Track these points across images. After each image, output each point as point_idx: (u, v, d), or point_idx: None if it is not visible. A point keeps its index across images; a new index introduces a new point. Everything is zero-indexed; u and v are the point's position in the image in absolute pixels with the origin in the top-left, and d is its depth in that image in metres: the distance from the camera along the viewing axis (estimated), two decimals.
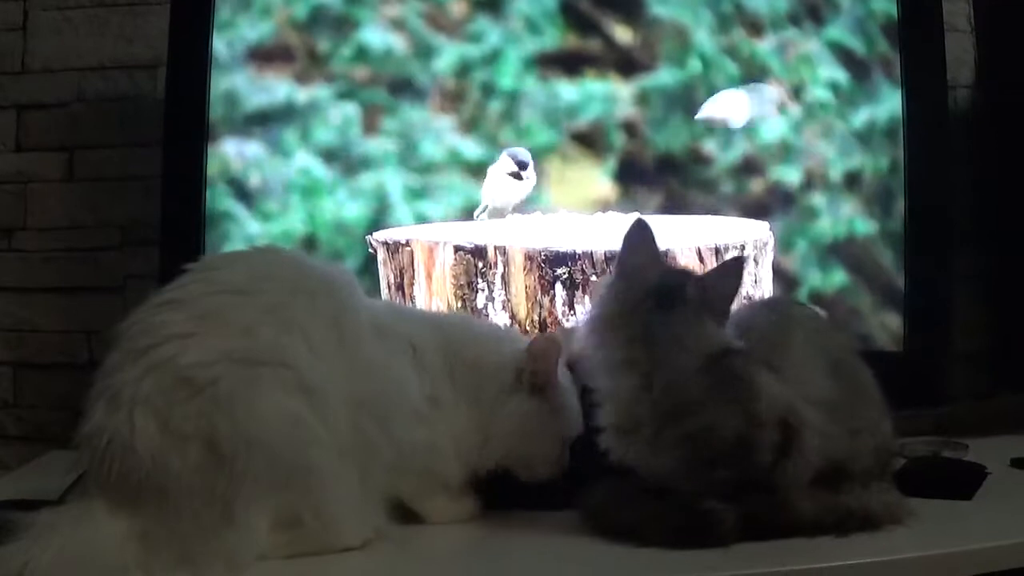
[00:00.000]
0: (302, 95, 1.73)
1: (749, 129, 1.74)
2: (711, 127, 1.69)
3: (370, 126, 1.73)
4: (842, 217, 1.74)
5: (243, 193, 1.73)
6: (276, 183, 1.73)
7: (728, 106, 1.70)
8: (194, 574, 1.20)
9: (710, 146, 1.74)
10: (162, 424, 1.20)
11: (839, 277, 1.74)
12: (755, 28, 1.75)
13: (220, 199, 1.73)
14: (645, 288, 1.35)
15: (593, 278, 1.64)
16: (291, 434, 1.24)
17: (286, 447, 1.23)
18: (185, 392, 1.21)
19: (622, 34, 1.74)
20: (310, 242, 1.72)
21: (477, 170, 1.73)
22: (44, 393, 2.04)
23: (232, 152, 1.74)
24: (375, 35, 1.74)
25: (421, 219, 1.73)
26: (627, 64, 1.74)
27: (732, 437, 1.30)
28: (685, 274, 1.41)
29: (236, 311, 1.27)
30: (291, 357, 1.26)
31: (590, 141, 1.73)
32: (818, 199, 1.74)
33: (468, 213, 1.73)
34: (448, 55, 1.73)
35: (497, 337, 1.50)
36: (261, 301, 1.28)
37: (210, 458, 1.20)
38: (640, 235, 1.38)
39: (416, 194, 1.73)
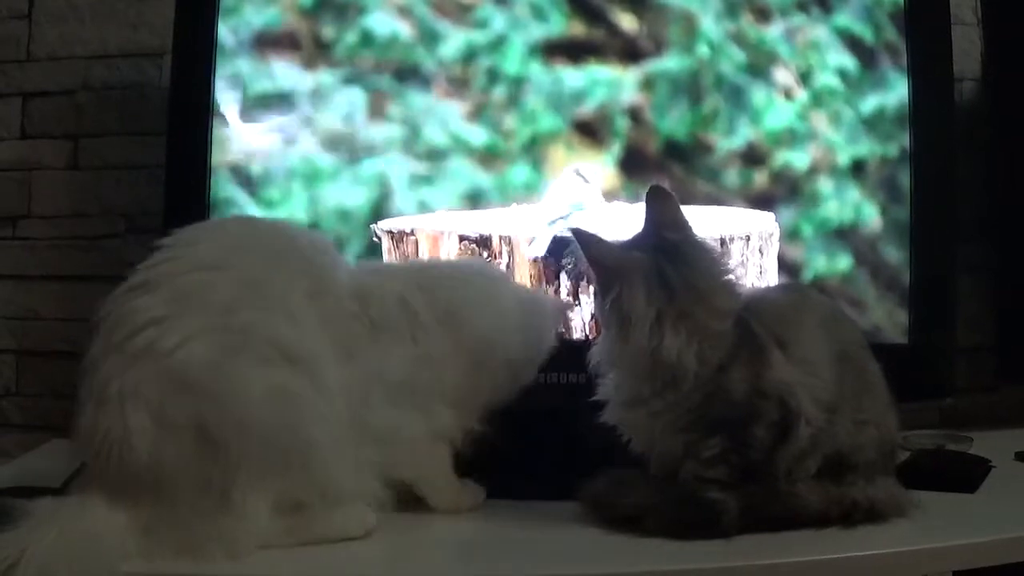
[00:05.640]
0: (307, 81, 1.72)
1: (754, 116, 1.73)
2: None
3: (375, 112, 1.72)
4: (847, 204, 1.73)
5: (246, 180, 1.72)
6: (279, 170, 1.73)
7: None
8: (195, 563, 1.20)
9: (715, 135, 1.73)
10: (154, 416, 1.19)
11: (844, 263, 1.73)
12: (763, 14, 1.73)
13: (222, 185, 1.72)
14: (637, 262, 1.34)
15: None
16: (282, 410, 1.22)
17: (278, 425, 1.22)
18: (169, 380, 1.20)
19: (627, 21, 1.73)
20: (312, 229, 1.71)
21: (482, 156, 1.72)
22: (47, 381, 2.04)
23: (235, 139, 1.73)
24: (381, 21, 1.73)
25: (424, 207, 1.72)
26: (632, 51, 1.73)
27: (739, 399, 1.30)
28: (650, 231, 1.40)
29: (211, 289, 1.24)
30: (273, 331, 1.24)
31: (594, 129, 1.71)
32: (824, 186, 1.73)
33: (472, 201, 1.72)
34: (454, 41, 1.73)
35: (477, 276, 1.49)
36: (236, 276, 1.26)
37: (203, 446, 1.20)
38: (587, 240, 1.36)
39: (420, 181, 1.72)
